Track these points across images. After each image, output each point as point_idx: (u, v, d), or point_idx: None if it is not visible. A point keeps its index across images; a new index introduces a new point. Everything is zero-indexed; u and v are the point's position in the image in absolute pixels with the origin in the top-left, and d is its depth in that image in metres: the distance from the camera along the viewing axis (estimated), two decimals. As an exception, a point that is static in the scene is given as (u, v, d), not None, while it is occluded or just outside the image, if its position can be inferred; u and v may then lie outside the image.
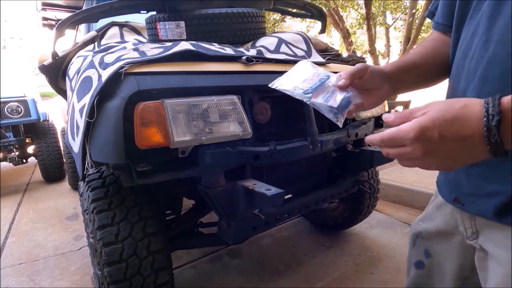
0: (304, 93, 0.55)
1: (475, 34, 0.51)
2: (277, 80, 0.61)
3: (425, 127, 0.40)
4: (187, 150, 0.93)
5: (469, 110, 0.39)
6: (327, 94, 0.55)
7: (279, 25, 8.74)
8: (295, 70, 0.63)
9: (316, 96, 0.54)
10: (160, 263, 1.06)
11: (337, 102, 0.53)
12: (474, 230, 0.58)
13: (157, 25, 1.29)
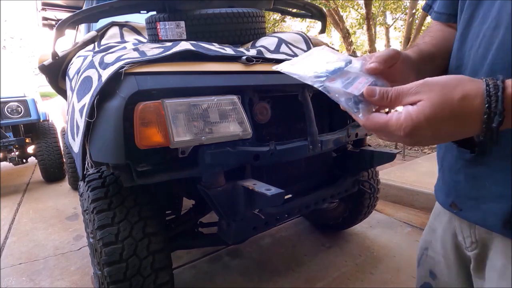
0: (315, 77, 0.44)
1: (484, 21, 0.45)
2: (284, 63, 0.50)
3: (418, 126, 0.36)
4: (187, 150, 0.93)
5: (468, 103, 0.35)
6: (347, 80, 0.44)
7: (279, 25, 8.74)
8: (308, 54, 0.52)
9: (332, 81, 0.44)
10: (160, 263, 1.06)
11: (360, 89, 0.43)
12: (473, 240, 0.51)
13: (157, 25, 1.29)
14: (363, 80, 0.45)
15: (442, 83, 0.36)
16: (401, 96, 0.38)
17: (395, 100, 0.38)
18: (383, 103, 0.40)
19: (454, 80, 0.37)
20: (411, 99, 0.37)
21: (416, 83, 0.37)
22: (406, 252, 1.85)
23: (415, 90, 0.37)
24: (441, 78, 0.37)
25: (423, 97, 0.36)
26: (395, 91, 0.38)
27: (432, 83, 0.37)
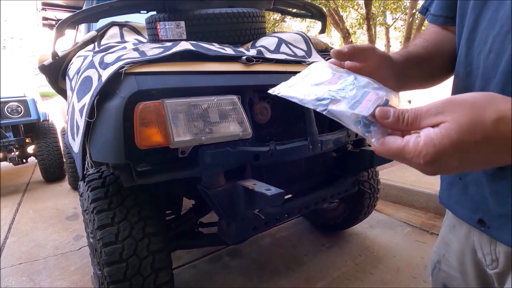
0: (317, 100, 0.39)
1: (492, 25, 0.41)
2: (281, 85, 0.45)
3: (442, 153, 0.30)
4: (187, 150, 0.93)
5: (505, 127, 0.29)
6: (354, 98, 0.39)
7: (279, 25, 8.75)
8: (306, 73, 0.47)
9: (337, 103, 0.38)
10: (160, 263, 1.06)
11: (370, 108, 0.37)
12: (493, 258, 0.47)
13: (157, 25, 1.29)
14: (373, 95, 0.39)
15: (471, 102, 0.31)
16: (420, 118, 0.32)
17: (412, 123, 0.33)
18: (399, 127, 0.34)
19: (483, 97, 0.31)
20: (432, 121, 0.31)
21: (438, 101, 0.32)
22: (406, 252, 1.85)
23: (436, 110, 0.31)
24: (468, 95, 0.32)
25: (447, 118, 0.30)
26: (413, 113, 0.33)
27: (458, 101, 0.31)
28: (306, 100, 0.40)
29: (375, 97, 0.39)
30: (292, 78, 0.47)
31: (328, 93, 0.40)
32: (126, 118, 0.84)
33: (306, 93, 0.41)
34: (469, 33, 0.46)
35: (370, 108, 0.37)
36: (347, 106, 0.38)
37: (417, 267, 1.71)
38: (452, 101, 0.32)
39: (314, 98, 0.40)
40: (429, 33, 0.57)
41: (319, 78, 0.44)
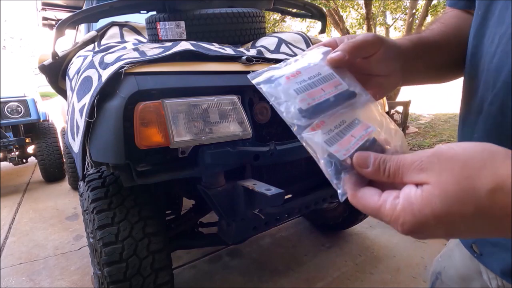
0: (299, 113, 0.31)
1: (500, 23, 0.35)
2: (265, 74, 0.36)
3: (422, 224, 0.25)
4: (187, 150, 0.93)
5: (504, 199, 0.22)
6: (338, 127, 0.31)
7: (279, 25, 8.75)
8: (303, 62, 0.36)
9: (319, 127, 0.31)
10: (160, 263, 1.06)
11: (349, 149, 0.30)
12: (499, 284, 0.42)
13: (157, 25, 1.29)
14: (360, 130, 0.32)
15: (462, 160, 0.24)
16: (402, 170, 0.27)
17: (394, 175, 0.27)
18: (379, 178, 0.28)
19: (479, 155, 0.25)
20: (415, 178, 0.26)
21: (424, 154, 0.26)
22: (406, 252, 1.85)
23: (420, 165, 0.26)
24: (460, 149, 0.25)
25: (431, 179, 0.25)
26: (395, 163, 0.27)
27: (446, 157, 0.25)
28: (286, 110, 0.32)
29: (362, 133, 0.31)
30: (282, 65, 0.37)
31: (313, 108, 0.32)
32: (126, 118, 0.84)
33: (289, 96, 0.32)
34: (477, 28, 0.39)
35: (350, 149, 0.30)
36: (324, 137, 0.30)
37: (417, 267, 1.71)
38: (439, 156, 0.25)
39: (297, 110, 0.31)
40: (448, 16, 0.48)
41: (312, 75, 0.35)
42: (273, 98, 0.33)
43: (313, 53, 0.38)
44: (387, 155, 0.29)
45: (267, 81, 0.34)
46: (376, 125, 0.33)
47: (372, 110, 0.34)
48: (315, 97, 0.32)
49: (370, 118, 0.33)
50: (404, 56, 0.41)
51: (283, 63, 0.37)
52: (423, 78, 0.46)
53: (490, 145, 0.25)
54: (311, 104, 0.32)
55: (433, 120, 6.95)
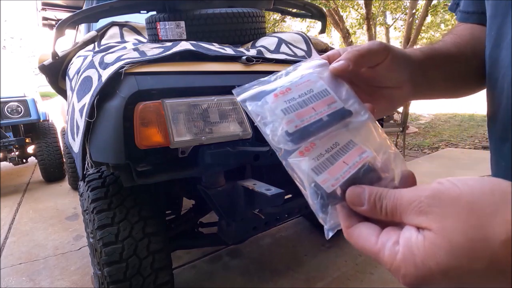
0: (286, 136, 0.28)
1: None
2: (252, 88, 0.32)
3: (426, 277, 0.22)
4: (187, 150, 0.93)
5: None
6: (327, 153, 0.28)
7: (279, 25, 8.75)
8: (294, 76, 0.32)
9: (308, 150, 0.27)
10: (160, 263, 1.06)
11: (339, 178, 0.27)
12: None
13: (157, 25, 1.29)
14: (355, 154, 0.28)
15: (468, 204, 0.21)
16: (400, 210, 0.23)
17: (392, 214, 0.24)
18: (376, 216, 0.25)
19: (488, 197, 0.21)
20: (415, 221, 0.22)
21: (423, 193, 0.22)
22: (406, 252, 1.85)
23: (419, 207, 0.22)
24: (465, 187, 0.21)
25: (433, 225, 0.21)
26: (392, 201, 0.24)
27: (449, 199, 0.21)
28: (271, 133, 0.29)
29: (356, 159, 0.28)
30: (272, 80, 0.33)
31: (303, 129, 0.28)
32: (126, 118, 0.84)
33: (275, 118, 0.29)
34: (491, 49, 0.37)
35: (340, 178, 0.26)
36: (312, 163, 0.27)
37: (417, 267, 1.71)
38: (441, 197, 0.21)
39: (284, 133, 0.28)
40: (461, 29, 0.45)
41: (304, 91, 0.30)
42: (259, 118, 0.29)
43: (307, 65, 0.34)
44: (383, 189, 0.25)
45: (253, 98, 0.31)
46: (373, 148, 0.29)
47: (370, 130, 0.30)
48: (304, 118, 0.29)
49: (368, 139, 0.29)
50: (415, 66, 0.38)
51: (273, 75, 0.33)
52: (441, 91, 0.43)
53: (500, 183, 0.21)
54: (299, 127, 0.28)
55: (433, 120, 6.95)
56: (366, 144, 0.29)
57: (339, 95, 0.31)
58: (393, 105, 0.39)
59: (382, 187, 0.26)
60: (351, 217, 0.27)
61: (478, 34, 0.43)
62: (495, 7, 0.36)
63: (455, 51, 0.41)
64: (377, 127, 0.30)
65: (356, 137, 0.29)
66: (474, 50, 0.42)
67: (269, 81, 0.33)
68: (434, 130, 5.74)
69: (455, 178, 0.23)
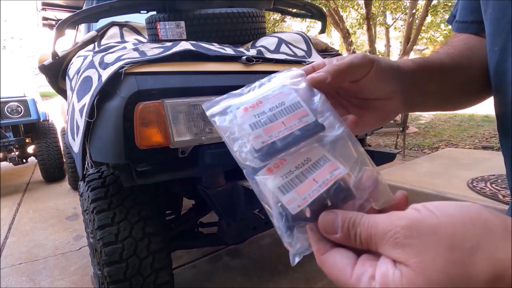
0: (253, 153, 0.26)
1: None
2: (223, 101, 0.31)
3: None
4: (187, 150, 0.93)
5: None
6: (302, 166, 0.26)
7: (279, 25, 8.75)
8: (267, 88, 0.31)
9: (277, 167, 0.26)
10: (160, 263, 1.06)
11: (307, 197, 0.24)
12: None
13: (157, 25, 1.29)
14: (326, 172, 0.25)
15: (448, 237, 0.19)
16: (375, 240, 0.22)
17: (367, 243, 0.22)
18: (351, 245, 0.24)
19: (470, 230, 0.19)
20: (391, 254, 0.20)
21: (399, 222, 0.20)
22: (406, 252, 1.85)
23: (394, 238, 0.20)
24: (443, 218, 0.20)
25: (411, 260, 0.19)
26: (366, 229, 0.22)
27: (426, 230, 0.19)
28: (237, 149, 0.28)
29: (326, 176, 0.25)
30: (245, 92, 0.31)
31: (270, 145, 0.26)
32: (126, 118, 0.84)
33: (243, 133, 0.27)
34: (497, 63, 0.36)
35: (307, 198, 0.24)
36: (279, 181, 0.25)
37: (417, 267, 1.71)
38: (419, 228, 0.20)
39: (252, 149, 0.26)
40: (457, 40, 0.44)
41: (274, 106, 0.28)
42: (227, 134, 0.28)
43: (283, 76, 0.32)
44: (357, 215, 0.23)
45: (223, 113, 0.29)
46: (348, 164, 0.26)
47: (346, 145, 0.28)
48: (273, 133, 0.27)
49: (342, 155, 0.27)
50: (406, 77, 0.36)
51: (246, 87, 0.32)
52: (435, 102, 0.42)
53: (482, 213, 0.20)
54: (266, 143, 0.26)
55: (433, 120, 6.95)
56: (340, 159, 0.26)
57: (314, 108, 0.29)
58: (384, 117, 0.37)
59: (356, 212, 0.24)
60: (323, 240, 0.25)
61: (473, 44, 0.42)
62: (496, 24, 0.35)
63: (450, 62, 0.40)
64: (355, 141, 0.28)
65: (329, 152, 0.27)
66: (470, 60, 0.41)
67: (241, 94, 0.31)
68: (434, 130, 5.74)
69: (433, 204, 0.21)
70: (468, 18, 0.44)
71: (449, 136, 5.13)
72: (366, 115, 0.35)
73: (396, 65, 0.36)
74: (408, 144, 4.48)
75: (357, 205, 0.26)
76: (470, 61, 0.41)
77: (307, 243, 0.25)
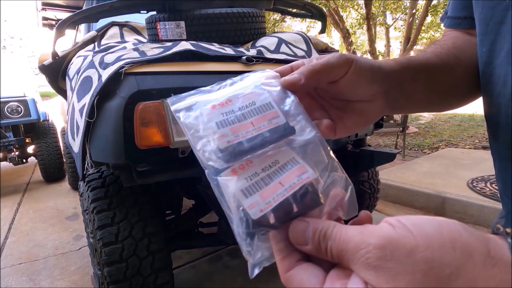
0: (217, 153, 0.25)
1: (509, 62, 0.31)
2: (190, 96, 0.30)
3: None
4: (187, 150, 0.93)
5: None
6: (269, 169, 0.25)
7: (279, 25, 8.75)
8: (238, 87, 0.30)
9: (242, 168, 0.24)
10: (160, 263, 1.06)
11: (271, 202, 0.23)
12: None
13: (157, 25, 1.29)
14: (293, 175, 0.24)
15: (424, 261, 0.17)
16: (347, 257, 0.20)
17: (338, 258, 0.21)
18: (321, 257, 0.22)
19: (448, 254, 0.17)
20: (362, 274, 0.19)
21: (372, 240, 0.18)
22: (406, 252, 1.85)
23: (366, 258, 0.18)
24: (419, 239, 0.18)
25: (383, 286, 0.17)
26: (337, 246, 0.20)
27: (401, 253, 0.17)
28: (202, 149, 0.26)
29: (294, 180, 0.24)
30: (215, 89, 0.31)
31: (237, 144, 0.25)
32: (126, 118, 0.84)
33: (208, 132, 0.25)
34: (484, 65, 0.35)
35: (271, 202, 0.22)
36: (243, 184, 0.23)
37: (417, 267, 1.71)
38: (393, 248, 0.18)
39: (216, 148, 0.25)
40: (446, 38, 0.43)
41: (244, 105, 0.27)
42: (192, 131, 0.26)
43: (256, 76, 0.31)
44: (328, 225, 0.22)
45: (189, 109, 0.27)
46: (318, 170, 0.25)
47: (317, 149, 0.26)
48: (240, 133, 0.25)
49: (312, 159, 0.26)
50: (388, 78, 0.35)
51: (217, 85, 0.31)
52: (422, 103, 0.40)
53: (461, 234, 0.18)
54: (232, 143, 0.25)
55: (433, 120, 6.95)
56: (309, 163, 0.25)
57: (286, 110, 0.28)
58: (367, 120, 0.35)
59: (327, 221, 0.22)
60: (288, 252, 0.23)
61: (461, 43, 0.41)
62: (485, 25, 0.35)
63: (436, 61, 0.39)
64: (326, 147, 0.27)
65: (299, 155, 0.25)
66: (457, 59, 0.39)
67: (211, 91, 0.30)
68: (434, 130, 5.74)
69: (409, 220, 0.19)
70: (461, 14, 0.42)
71: (449, 136, 5.13)
72: (348, 117, 0.34)
73: (377, 65, 0.34)
74: (408, 144, 4.48)
75: (324, 213, 0.25)
76: (458, 60, 0.39)
77: (268, 252, 0.23)
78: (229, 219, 0.24)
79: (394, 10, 8.21)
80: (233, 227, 0.23)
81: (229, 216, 0.24)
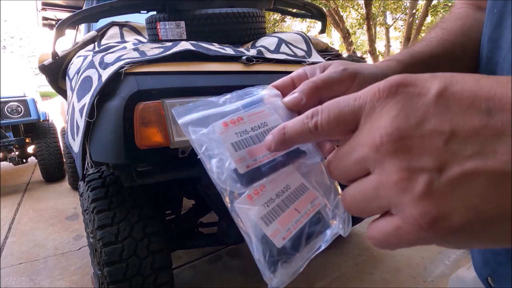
0: (235, 177, 0.23)
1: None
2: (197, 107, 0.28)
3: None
4: (187, 150, 0.93)
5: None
6: (282, 194, 0.24)
7: (279, 25, 8.76)
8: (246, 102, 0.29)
9: (257, 194, 0.24)
10: (160, 263, 1.06)
11: (291, 227, 0.23)
12: None
13: (157, 25, 1.29)
14: (306, 202, 0.25)
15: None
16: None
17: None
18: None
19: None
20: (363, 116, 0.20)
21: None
22: (406, 252, 1.85)
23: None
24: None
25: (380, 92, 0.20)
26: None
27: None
28: (218, 171, 0.24)
29: (308, 207, 0.24)
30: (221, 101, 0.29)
31: (253, 169, 0.24)
32: (126, 118, 0.84)
33: (224, 152, 0.24)
34: (492, 29, 0.32)
35: (291, 228, 0.23)
36: (262, 211, 0.23)
37: (417, 267, 1.71)
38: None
39: (232, 172, 0.23)
40: (454, 19, 0.40)
41: (257, 126, 0.26)
42: (204, 148, 0.25)
43: (261, 94, 0.30)
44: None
45: (198, 123, 0.26)
46: (323, 193, 0.26)
47: (322, 173, 0.27)
48: (257, 157, 0.24)
49: (318, 182, 0.26)
50: None
51: (222, 97, 0.29)
52: None
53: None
54: (251, 167, 0.24)
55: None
56: (317, 188, 0.26)
57: None
58: None
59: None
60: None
61: (469, 26, 0.38)
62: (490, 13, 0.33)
63: (441, 52, 0.37)
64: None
65: (307, 180, 0.26)
66: (463, 47, 0.37)
67: (217, 104, 0.28)
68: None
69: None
70: None
71: (449, 136, 5.13)
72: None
73: (381, 74, 0.33)
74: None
75: (332, 235, 0.25)
76: (464, 49, 0.37)
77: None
78: (247, 241, 0.23)
79: (394, 10, 8.22)
80: (252, 251, 0.23)
81: (248, 241, 0.23)
